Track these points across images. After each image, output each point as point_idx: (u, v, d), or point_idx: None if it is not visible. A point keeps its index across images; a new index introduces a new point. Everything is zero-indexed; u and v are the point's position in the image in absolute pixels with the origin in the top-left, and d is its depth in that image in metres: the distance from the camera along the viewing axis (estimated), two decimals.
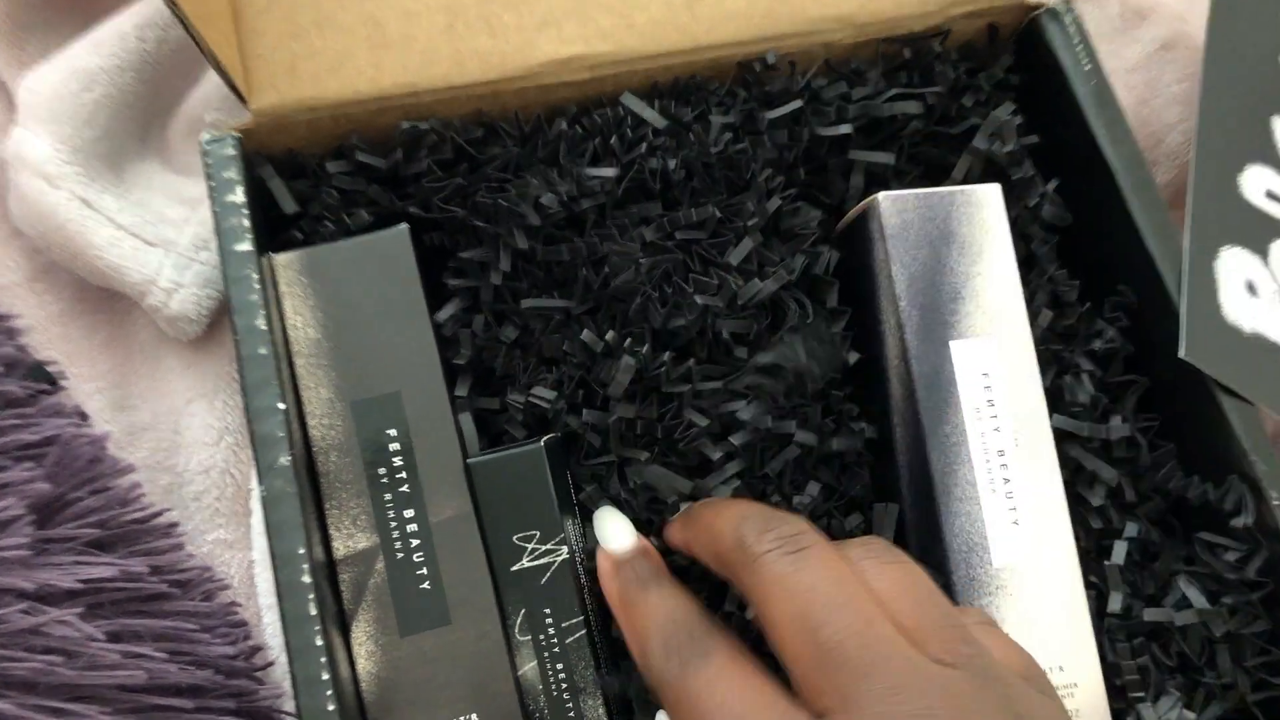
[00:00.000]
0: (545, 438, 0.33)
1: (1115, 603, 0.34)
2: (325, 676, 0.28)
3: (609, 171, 0.35)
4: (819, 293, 0.36)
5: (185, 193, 0.40)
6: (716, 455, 0.34)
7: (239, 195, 0.33)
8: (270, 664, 0.37)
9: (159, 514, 0.37)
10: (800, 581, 0.26)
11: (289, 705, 0.36)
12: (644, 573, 0.30)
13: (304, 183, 0.36)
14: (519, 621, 0.32)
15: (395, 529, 0.32)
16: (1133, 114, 0.45)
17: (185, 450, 0.39)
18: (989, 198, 0.35)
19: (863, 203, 0.36)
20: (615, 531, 0.32)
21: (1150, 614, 0.34)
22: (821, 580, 0.26)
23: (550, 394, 0.34)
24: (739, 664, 0.26)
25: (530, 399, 0.34)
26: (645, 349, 0.33)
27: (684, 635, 0.27)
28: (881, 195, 0.35)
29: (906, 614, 0.26)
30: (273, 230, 0.36)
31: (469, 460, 0.32)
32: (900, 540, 0.34)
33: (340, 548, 0.32)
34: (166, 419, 0.40)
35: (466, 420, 0.35)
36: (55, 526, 0.34)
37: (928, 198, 0.35)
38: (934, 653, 0.25)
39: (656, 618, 0.29)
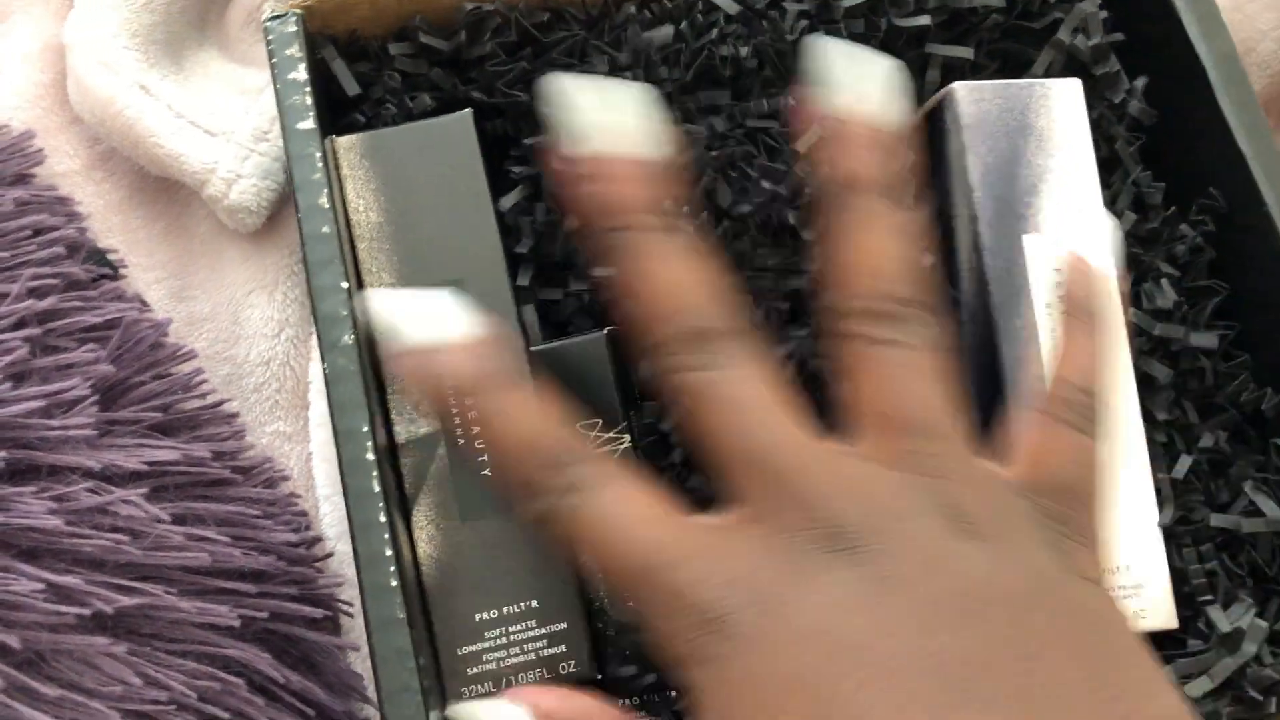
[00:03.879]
0: (608, 329, 0.32)
1: (1166, 516, 0.33)
2: (389, 553, 0.28)
3: (666, 30, 0.34)
4: None
5: (244, 83, 0.40)
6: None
7: (301, 73, 0.32)
8: (330, 554, 0.37)
9: (220, 403, 0.37)
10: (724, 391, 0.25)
11: (347, 594, 0.36)
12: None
13: (366, 65, 0.35)
14: None
15: (456, 415, 0.32)
16: (1224, 20, 0.43)
17: (245, 342, 0.39)
18: (1069, 91, 0.34)
19: (939, 93, 0.35)
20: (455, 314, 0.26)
21: (1216, 520, 0.33)
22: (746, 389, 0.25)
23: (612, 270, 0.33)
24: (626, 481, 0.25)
25: (592, 286, 0.33)
26: (703, 215, 0.32)
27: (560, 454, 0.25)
28: (958, 85, 0.34)
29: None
30: (334, 113, 0.35)
31: (532, 348, 0.32)
32: None
33: (401, 433, 0.32)
34: (226, 310, 0.39)
35: (529, 311, 0.34)
36: (119, 409, 0.34)
37: (1006, 89, 0.34)
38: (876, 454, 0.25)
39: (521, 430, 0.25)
